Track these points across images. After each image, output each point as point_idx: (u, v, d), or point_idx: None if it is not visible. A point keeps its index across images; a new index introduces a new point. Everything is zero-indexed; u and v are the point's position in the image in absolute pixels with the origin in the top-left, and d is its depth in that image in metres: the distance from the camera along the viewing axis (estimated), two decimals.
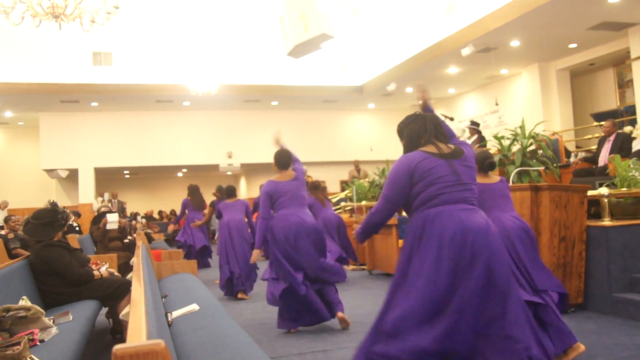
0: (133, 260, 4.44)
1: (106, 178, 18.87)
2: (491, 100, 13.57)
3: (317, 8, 6.78)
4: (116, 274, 4.86)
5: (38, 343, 2.93)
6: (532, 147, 6.90)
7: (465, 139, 9.68)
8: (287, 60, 8.57)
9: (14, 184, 17.20)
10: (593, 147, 9.48)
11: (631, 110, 10.48)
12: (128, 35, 13.55)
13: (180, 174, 22.51)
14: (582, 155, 9.30)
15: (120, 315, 3.90)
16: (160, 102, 15.11)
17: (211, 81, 13.01)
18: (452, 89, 15.06)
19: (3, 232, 7.76)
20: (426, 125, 2.82)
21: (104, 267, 4.66)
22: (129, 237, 8.27)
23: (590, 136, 11.11)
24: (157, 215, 20.79)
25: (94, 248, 8.22)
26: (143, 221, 16.74)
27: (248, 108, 16.48)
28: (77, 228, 10.86)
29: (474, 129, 9.57)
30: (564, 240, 4.92)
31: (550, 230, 4.86)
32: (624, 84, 11.75)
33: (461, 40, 10.57)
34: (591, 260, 5.07)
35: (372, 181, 10.13)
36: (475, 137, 9.37)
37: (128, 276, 4.93)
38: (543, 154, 6.90)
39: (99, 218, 8.27)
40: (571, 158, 8.82)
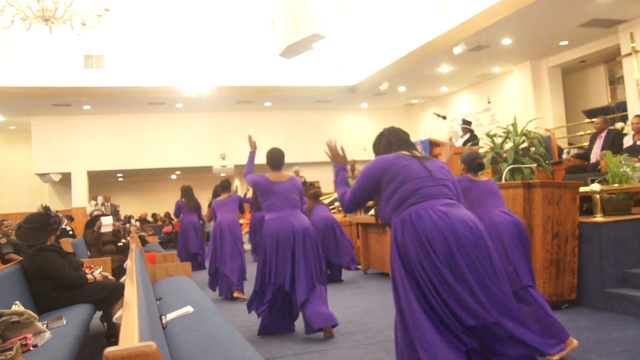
0: (127, 263, 4.43)
1: (99, 181, 18.81)
2: (483, 98, 13.61)
3: (309, 8, 6.77)
4: (110, 278, 4.84)
5: (31, 348, 2.92)
6: (525, 145, 6.92)
7: (458, 138, 9.73)
8: (280, 60, 8.56)
9: (7, 189, 17.13)
10: (585, 144, 9.53)
11: (622, 106, 10.53)
12: (119, 37, 13.52)
13: (173, 177, 22.46)
14: (574, 152, 9.34)
15: (113, 318, 3.89)
16: (152, 105, 15.06)
17: (203, 83, 12.99)
18: (445, 88, 15.10)
19: None
20: (386, 138, 2.97)
21: (98, 271, 4.64)
22: (123, 240, 8.25)
23: (582, 133, 11.17)
24: (151, 218, 20.75)
25: (88, 252, 8.19)
26: (137, 224, 16.72)
27: (241, 109, 16.46)
28: (71, 232, 10.82)
29: (466, 128, 9.61)
30: (557, 236, 4.94)
31: (543, 227, 4.87)
32: (615, 81, 11.81)
33: (453, 38, 10.60)
34: (584, 256, 5.09)
35: None
36: (467, 136, 9.40)
37: (122, 279, 4.92)
38: (535, 151, 6.93)
39: (93, 222, 8.24)
40: (563, 155, 8.86)
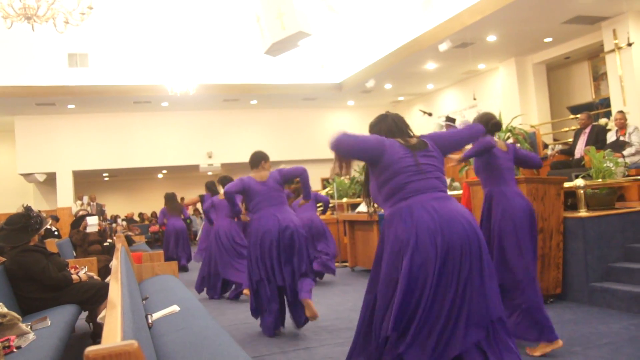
0: (112, 263, 4.40)
1: (85, 181, 18.66)
2: (469, 95, 13.68)
3: (294, 6, 6.77)
4: (96, 278, 4.80)
5: (15, 350, 2.89)
6: (510, 141, 6.96)
7: None
8: (266, 58, 8.57)
9: None
10: (569, 140, 9.62)
11: (606, 102, 10.65)
12: (104, 35, 13.41)
13: (160, 176, 22.34)
14: (559, 147, 9.43)
15: (97, 318, 3.86)
16: (138, 103, 14.96)
17: (189, 81, 12.93)
18: (431, 85, 15.15)
19: None
20: (390, 124, 2.86)
21: (83, 271, 4.60)
22: (109, 240, 8.19)
23: (567, 129, 11.26)
24: (138, 217, 20.62)
25: (74, 252, 8.12)
26: (123, 224, 16.60)
27: (227, 107, 16.41)
28: (56, 232, 10.73)
29: (449, 125, 9.67)
30: (542, 231, 4.98)
31: None
32: (599, 77, 11.93)
33: (438, 35, 10.63)
34: (568, 251, 5.14)
35: (353, 178, 10.14)
36: None
37: (107, 279, 4.88)
38: (520, 147, 6.96)
39: (78, 222, 8.18)
40: (548, 150, 8.93)
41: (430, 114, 10.50)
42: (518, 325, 3.61)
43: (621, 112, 8.24)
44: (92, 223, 7.66)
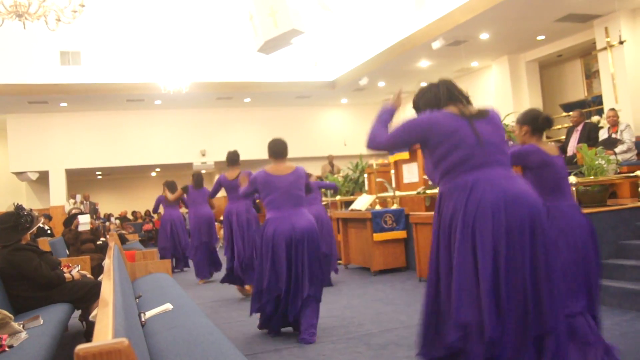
0: (105, 261, 4.39)
1: (78, 179, 18.58)
2: None
3: (287, 4, 6.77)
4: (89, 276, 4.79)
5: (7, 349, 2.88)
6: None
7: None
8: (259, 56, 8.54)
9: None
10: (562, 137, 9.66)
11: (598, 100, 10.69)
12: (96, 33, 13.35)
13: (153, 174, 22.26)
14: (552, 144, 9.45)
15: (90, 317, 3.86)
16: (131, 102, 14.92)
17: (182, 79, 12.90)
18: (424, 83, 15.04)
19: None
20: (439, 90, 2.59)
21: (76, 270, 4.59)
22: (102, 239, 8.17)
23: (559, 126, 11.31)
24: (131, 215, 20.54)
25: (67, 250, 8.09)
26: (117, 222, 16.56)
27: (220, 105, 16.38)
28: (49, 231, 10.68)
29: None
30: None
31: None
32: (591, 75, 11.98)
33: (431, 33, 10.65)
34: None
35: (346, 175, 10.15)
36: None
37: (100, 277, 4.87)
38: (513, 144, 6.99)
39: (71, 220, 8.15)
40: None
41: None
42: None
43: (613, 110, 8.29)
44: (84, 221, 7.63)
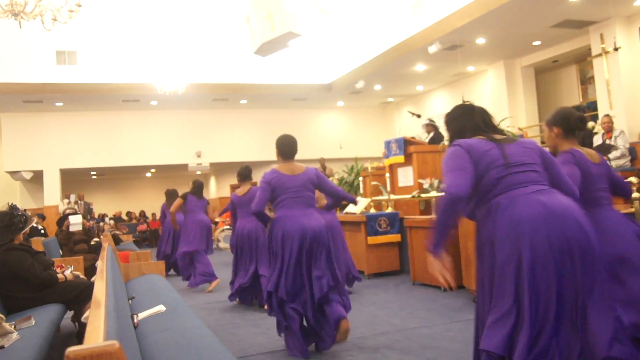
0: (98, 262, 4.37)
1: (72, 179, 18.53)
2: (458, 97, 13.75)
3: (284, 6, 6.77)
4: (82, 277, 4.77)
5: None
6: None
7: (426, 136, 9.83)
8: (256, 58, 8.54)
9: None
10: None
11: (593, 106, 10.75)
12: (93, 33, 13.32)
13: (148, 174, 22.24)
14: (547, 150, 9.48)
15: (82, 318, 3.84)
16: (127, 102, 14.89)
17: (179, 80, 12.89)
18: (420, 86, 15.21)
19: None
20: (474, 120, 2.53)
21: (69, 270, 4.57)
22: (96, 239, 8.14)
23: None
24: (126, 216, 20.52)
25: (60, 251, 8.06)
26: (111, 222, 16.52)
27: (216, 107, 16.37)
28: (42, 231, 10.64)
29: (431, 125, 9.75)
30: None
31: None
32: (586, 81, 12.04)
33: (428, 37, 10.68)
34: None
35: (342, 178, 10.17)
36: (432, 134, 9.54)
37: (93, 278, 4.85)
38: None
39: (63, 220, 8.12)
40: None
41: (419, 116, 10.55)
42: None
43: (607, 116, 8.34)
44: (75, 222, 7.59)
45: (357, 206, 7.74)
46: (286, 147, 4.24)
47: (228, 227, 13.99)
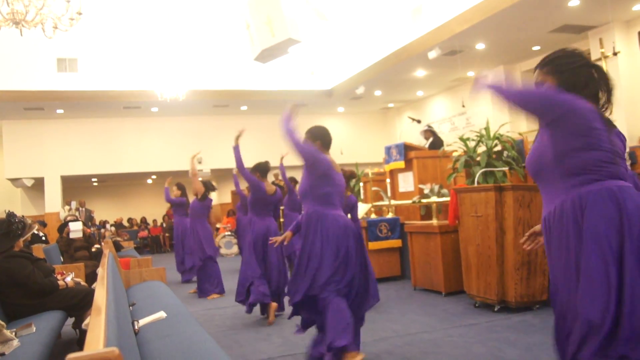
0: (99, 269, 4.38)
1: (73, 186, 18.55)
2: (458, 102, 13.77)
3: (284, 13, 6.79)
4: (82, 284, 4.78)
5: None
6: (498, 148, 7.01)
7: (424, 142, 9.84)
8: (256, 65, 8.55)
9: None
10: None
11: None
12: (93, 41, 13.36)
13: (149, 181, 22.24)
14: None
15: (82, 325, 3.84)
16: (128, 109, 14.92)
17: (179, 87, 12.92)
18: (420, 92, 15.23)
19: None
20: (600, 82, 2.28)
21: (70, 277, 4.58)
22: (97, 246, 8.14)
23: None
24: (127, 222, 20.52)
25: (61, 258, 8.06)
26: (112, 229, 16.52)
27: (217, 113, 16.39)
28: (44, 238, 10.64)
29: (430, 131, 9.78)
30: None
31: (514, 229, 4.95)
32: None
33: (428, 43, 10.70)
34: None
35: None
36: (431, 139, 9.56)
37: (94, 285, 4.86)
38: (508, 155, 7.02)
39: (64, 227, 8.12)
40: None
41: (419, 121, 10.59)
42: None
43: None
44: (76, 229, 7.59)
45: (358, 211, 7.73)
46: (328, 137, 3.78)
47: (229, 233, 14.01)
